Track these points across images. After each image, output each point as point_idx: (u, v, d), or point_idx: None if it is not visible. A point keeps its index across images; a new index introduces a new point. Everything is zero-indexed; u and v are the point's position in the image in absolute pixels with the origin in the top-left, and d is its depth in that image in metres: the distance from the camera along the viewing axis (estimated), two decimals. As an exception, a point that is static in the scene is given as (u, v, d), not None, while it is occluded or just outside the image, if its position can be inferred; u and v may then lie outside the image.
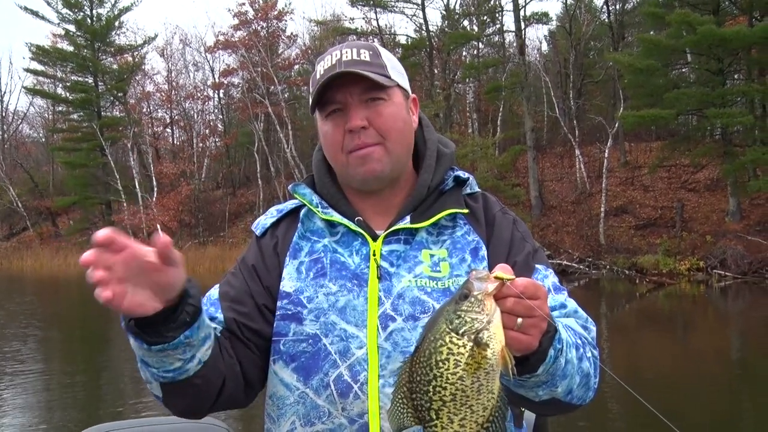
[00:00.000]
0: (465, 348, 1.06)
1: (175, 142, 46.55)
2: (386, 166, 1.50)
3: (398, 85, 1.54)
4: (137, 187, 38.03)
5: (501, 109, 35.77)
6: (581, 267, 24.05)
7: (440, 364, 1.08)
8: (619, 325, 14.86)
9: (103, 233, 1.13)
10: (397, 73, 1.55)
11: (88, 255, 1.13)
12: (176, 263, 1.19)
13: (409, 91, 1.59)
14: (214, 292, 1.57)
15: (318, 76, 1.51)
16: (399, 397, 1.13)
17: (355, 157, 1.49)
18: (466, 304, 1.08)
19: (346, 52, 1.51)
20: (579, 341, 1.34)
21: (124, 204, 38.11)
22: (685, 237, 23.67)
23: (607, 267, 23.65)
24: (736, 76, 27.89)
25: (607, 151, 27.36)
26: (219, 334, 1.45)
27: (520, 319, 1.10)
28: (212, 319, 1.48)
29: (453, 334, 1.07)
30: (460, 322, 1.07)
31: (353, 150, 1.49)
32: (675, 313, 17.15)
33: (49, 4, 40.53)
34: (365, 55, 1.51)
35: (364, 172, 1.50)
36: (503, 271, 1.09)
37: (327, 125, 1.52)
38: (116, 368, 10.69)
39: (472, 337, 1.06)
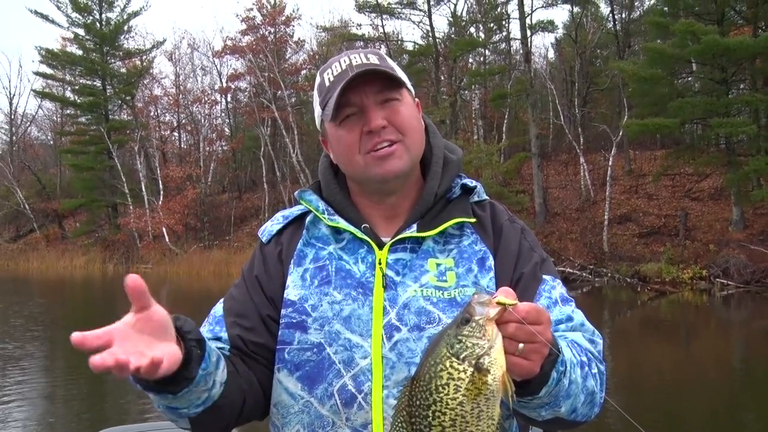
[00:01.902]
0: (465, 373, 1.05)
1: (182, 145, 46.81)
2: (407, 164, 1.48)
3: (406, 88, 1.53)
4: (143, 190, 38.19)
5: (506, 116, 35.87)
6: (583, 274, 24.08)
7: (440, 389, 1.06)
8: (621, 333, 14.89)
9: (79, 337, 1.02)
10: (404, 76, 1.54)
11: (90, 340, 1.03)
12: (149, 302, 1.11)
13: (413, 95, 1.58)
14: (218, 307, 1.57)
15: (328, 83, 1.49)
16: (398, 421, 1.11)
17: (374, 157, 1.46)
18: (467, 328, 1.06)
19: (355, 57, 1.49)
20: (584, 358, 1.32)
21: (131, 207, 38.26)
22: (688, 246, 23.70)
23: (609, 275, 23.69)
24: (741, 86, 27.89)
25: (611, 159, 27.40)
26: (228, 353, 1.45)
27: (521, 345, 1.08)
28: (217, 338, 1.49)
29: (454, 359, 1.06)
30: (461, 347, 1.06)
31: (372, 149, 1.46)
32: (677, 321, 17.16)
33: (58, 8, 40.79)
34: (373, 59, 1.49)
35: (385, 171, 1.47)
36: (506, 295, 1.08)
37: (341, 131, 1.49)
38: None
39: (473, 362, 1.05)
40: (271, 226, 1.63)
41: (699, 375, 10.60)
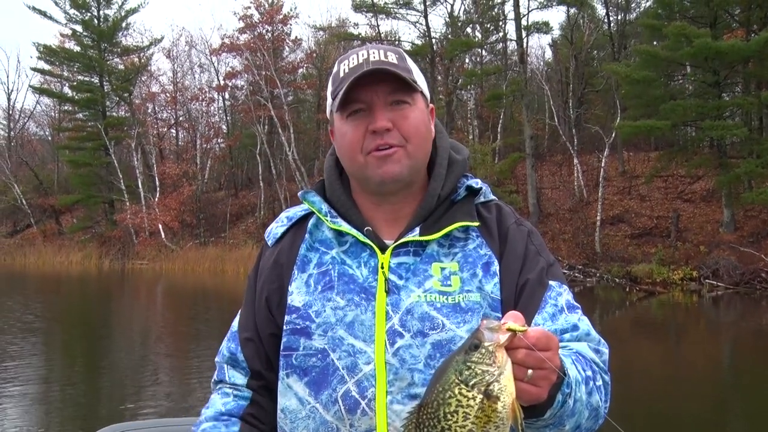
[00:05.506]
0: (475, 400, 1.04)
1: (179, 142, 46.92)
2: (405, 169, 1.45)
3: (421, 92, 1.50)
4: (140, 186, 38.34)
5: (502, 117, 36.03)
6: (573, 274, 24.19)
7: (449, 417, 1.05)
8: (611, 333, 15.02)
9: None
10: (421, 80, 1.51)
11: None
12: None
13: (429, 100, 1.55)
14: (235, 321, 1.62)
15: (342, 74, 1.46)
16: None
17: (374, 158, 1.44)
18: (476, 355, 1.04)
19: (374, 53, 1.46)
20: (589, 372, 1.31)
21: (127, 203, 38.37)
22: (679, 247, 23.88)
23: (598, 275, 23.86)
24: (737, 89, 28.06)
25: (604, 160, 27.50)
26: (248, 399, 1.55)
27: (530, 371, 1.07)
28: (235, 360, 1.57)
29: (463, 386, 1.04)
30: (470, 373, 1.04)
31: (374, 150, 1.44)
32: (667, 321, 17.27)
33: (56, 4, 40.85)
34: (392, 58, 1.46)
35: (383, 173, 1.44)
36: (514, 320, 1.06)
37: (347, 126, 1.46)
38: (117, 367, 10.80)
39: (483, 389, 1.03)
40: (276, 228, 1.62)
41: (688, 375, 10.69)
